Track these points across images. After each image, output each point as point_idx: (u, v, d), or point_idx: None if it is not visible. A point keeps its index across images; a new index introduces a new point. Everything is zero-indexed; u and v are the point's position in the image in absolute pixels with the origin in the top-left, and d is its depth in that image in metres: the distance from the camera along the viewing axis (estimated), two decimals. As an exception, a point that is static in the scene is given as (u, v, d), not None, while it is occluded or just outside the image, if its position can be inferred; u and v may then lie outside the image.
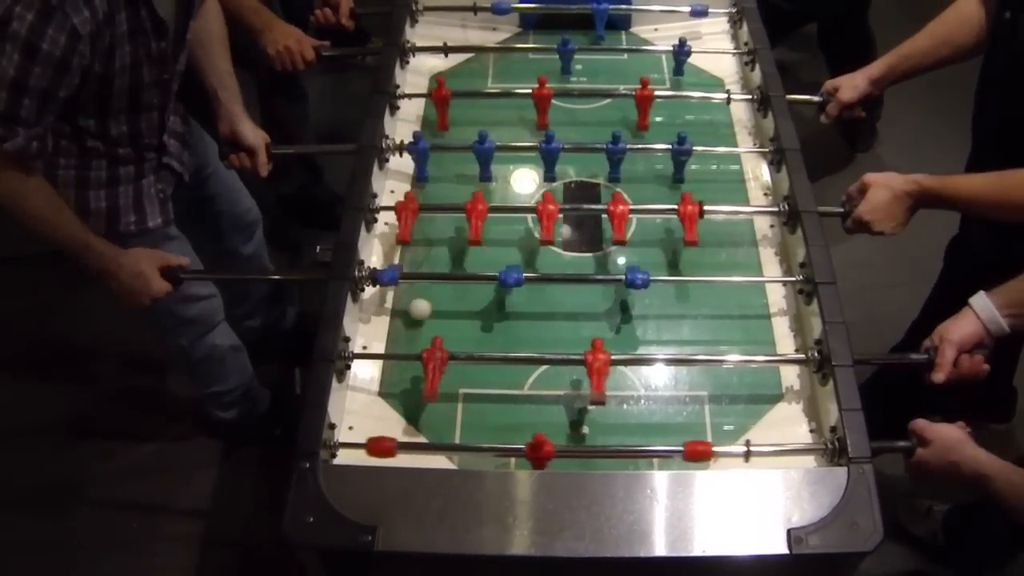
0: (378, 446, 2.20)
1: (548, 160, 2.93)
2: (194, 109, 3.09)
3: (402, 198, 2.73)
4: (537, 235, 2.76)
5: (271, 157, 3.07)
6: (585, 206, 2.90)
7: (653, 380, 2.48)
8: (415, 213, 2.70)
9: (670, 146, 2.90)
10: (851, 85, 3.00)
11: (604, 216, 2.77)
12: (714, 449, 2.18)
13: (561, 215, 2.81)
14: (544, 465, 2.15)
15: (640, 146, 2.99)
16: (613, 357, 2.34)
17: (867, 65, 3.01)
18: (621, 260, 2.77)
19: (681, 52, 3.26)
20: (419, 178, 2.98)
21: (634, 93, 3.07)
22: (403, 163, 3.00)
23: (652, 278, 2.53)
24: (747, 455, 2.19)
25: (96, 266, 2.67)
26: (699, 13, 3.43)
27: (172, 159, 2.93)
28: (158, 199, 2.90)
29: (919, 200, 2.60)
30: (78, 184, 2.70)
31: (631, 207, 2.68)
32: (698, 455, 2.18)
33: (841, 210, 2.70)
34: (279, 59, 3.36)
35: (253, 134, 3.03)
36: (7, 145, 2.34)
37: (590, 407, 2.37)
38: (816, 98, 3.09)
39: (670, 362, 2.50)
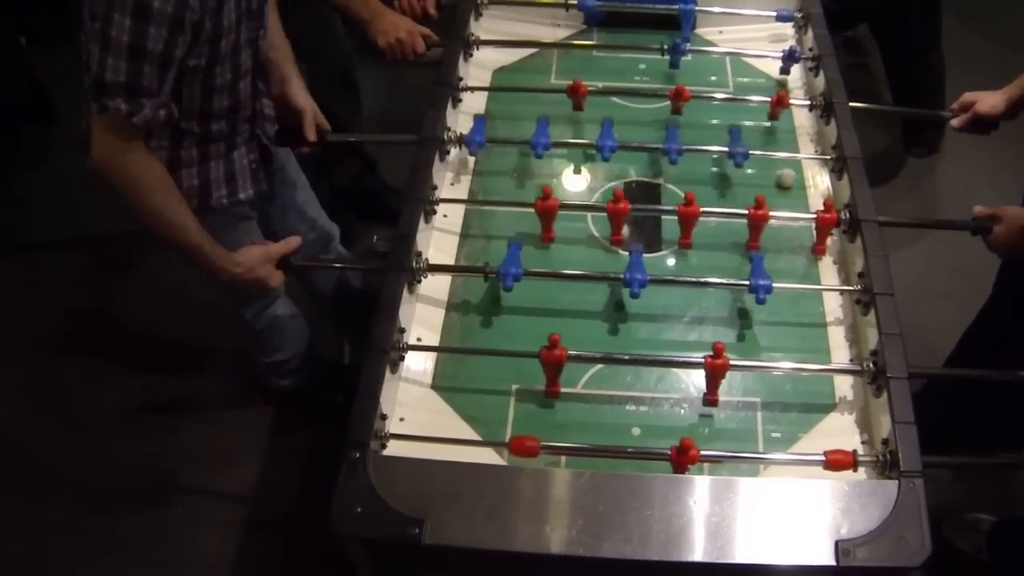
0: (521, 446, 2.20)
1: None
2: None
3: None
4: (595, 233, 2.80)
5: (324, 140, 3.04)
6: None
7: (706, 384, 2.47)
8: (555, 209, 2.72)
9: (725, 148, 2.91)
10: (990, 102, 2.99)
11: (663, 217, 2.78)
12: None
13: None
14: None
15: (697, 147, 2.96)
16: (664, 358, 2.40)
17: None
18: (671, 262, 2.77)
19: (791, 58, 3.25)
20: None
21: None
22: (463, 156, 3.01)
23: (710, 280, 2.61)
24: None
25: (208, 270, 2.66)
26: (785, 18, 3.43)
27: (263, 129, 2.92)
28: (250, 170, 2.89)
29: None
30: (170, 165, 2.63)
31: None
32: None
33: (972, 223, 2.71)
34: (390, 52, 3.34)
35: (303, 96, 2.99)
36: (136, 119, 2.32)
37: (642, 408, 2.39)
38: (946, 113, 3.10)
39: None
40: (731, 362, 2.42)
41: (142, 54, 2.26)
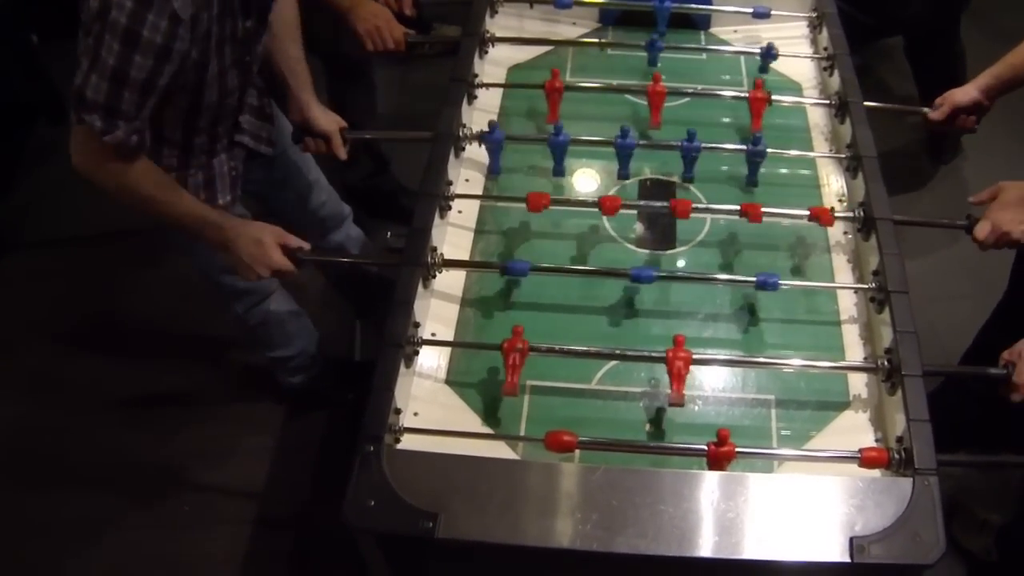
0: (556, 440, 2.18)
1: (622, 157, 2.90)
2: (269, 89, 3.09)
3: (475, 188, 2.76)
4: (611, 231, 2.80)
5: (347, 141, 3.05)
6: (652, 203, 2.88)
7: (719, 381, 2.48)
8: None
9: (745, 147, 2.90)
10: (963, 91, 2.99)
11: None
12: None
13: (635, 211, 2.81)
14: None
15: (714, 145, 2.95)
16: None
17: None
18: (686, 259, 2.77)
19: (768, 56, 3.24)
20: (493, 170, 2.97)
21: (747, 95, 3.08)
22: (478, 152, 3.00)
23: (717, 276, 2.63)
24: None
25: (216, 237, 2.65)
26: (761, 15, 3.42)
27: (245, 135, 2.92)
28: (229, 176, 2.90)
29: None
30: None
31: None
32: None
33: (964, 223, 2.68)
34: (369, 37, 3.33)
35: (326, 119, 3.01)
36: (108, 138, 2.33)
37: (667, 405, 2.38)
38: (925, 109, 3.08)
39: (738, 364, 2.49)
40: (745, 359, 2.44)
41: (124, 80, 2.27)
